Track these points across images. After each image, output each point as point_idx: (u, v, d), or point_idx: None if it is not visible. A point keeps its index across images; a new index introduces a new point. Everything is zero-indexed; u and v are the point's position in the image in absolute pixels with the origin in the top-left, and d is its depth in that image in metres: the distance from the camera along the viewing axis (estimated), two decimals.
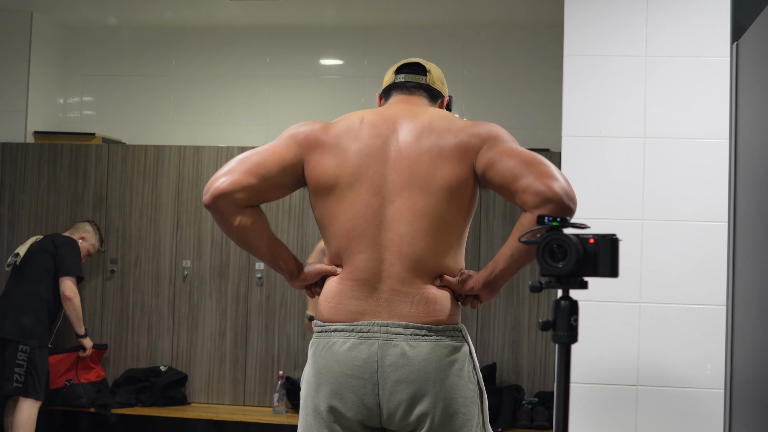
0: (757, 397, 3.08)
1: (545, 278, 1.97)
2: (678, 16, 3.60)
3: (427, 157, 2.23)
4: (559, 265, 1.92)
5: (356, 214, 2.22)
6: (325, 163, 2.25)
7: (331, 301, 2.25)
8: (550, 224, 1.96)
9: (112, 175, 5.51)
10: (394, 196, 2.22)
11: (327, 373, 2.22)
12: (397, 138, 2.26)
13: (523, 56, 5.77)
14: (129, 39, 6.17)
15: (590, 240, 1.94)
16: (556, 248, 1.93)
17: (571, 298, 1.96)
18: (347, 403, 2.20)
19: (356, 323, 2.21)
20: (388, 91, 2.46)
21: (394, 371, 2.19)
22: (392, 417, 2.21)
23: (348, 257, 2.24)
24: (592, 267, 1.94)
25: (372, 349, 2.19)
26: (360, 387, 2.20)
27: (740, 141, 3.47)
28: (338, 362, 2.21)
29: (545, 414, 4.88)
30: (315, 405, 2.24)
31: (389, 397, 2.20)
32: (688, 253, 3.54)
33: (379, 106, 2.47)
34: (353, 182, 2.23)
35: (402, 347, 2.20)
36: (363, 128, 2.27)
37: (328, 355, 2.22)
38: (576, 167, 3.63)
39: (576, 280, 1.95)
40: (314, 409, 2.25)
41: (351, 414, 2.21)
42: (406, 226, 2.21)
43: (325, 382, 2.22)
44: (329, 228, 2.27)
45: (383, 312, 2.22)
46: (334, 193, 2.24)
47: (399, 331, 2.20)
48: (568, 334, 1.94)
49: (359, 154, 2.24)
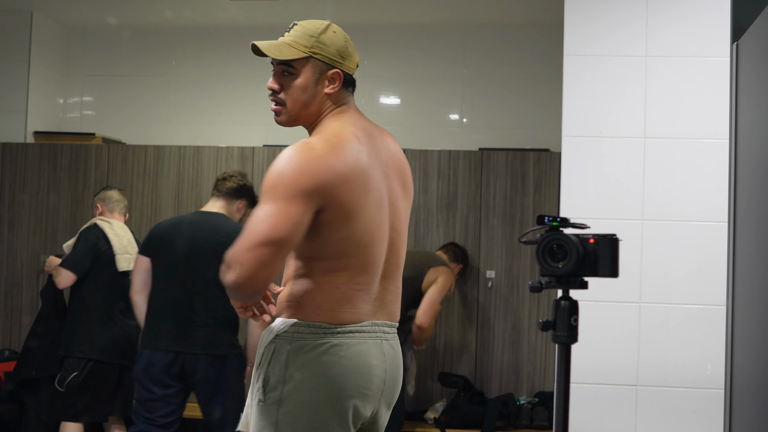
0: (757, 397, 3.07)
1: (545, 278, 1.98)
2: (678, 16, 3.60)
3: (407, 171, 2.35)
4: (559, 265, 1.93)
5: (377, 230, 2.21)
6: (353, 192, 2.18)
7: (346, 304, 2.21)
8: (550, 224, 1.96)
9: (112, 175, 5.50)
10: (397, 216, 2.27)
11: (355, 375, 2.16)
12: (385, 152, 2.29)
13: (523, 56, 5.77)
14: (129, 39, 6.17)
15: (590, 240, 1.94)
16: (556, 248, 1.93)
17: (571, 298, 1.96)
18: (366, 402, 2.19)
19: (364, 323, 2.20)
20: (350, 83, 2.31)
21: (394, 369, 2.24)
22: (376, 414, 2.24)
23: (362, 266, 2.19)
24: (592, 267, 1.94)
25: (381, 347, 2.21)
26: (378, 384, 2.20)
27: (740, 141, 3.47)
28: (365, 363, 2.17)
29: (545, 414, 4.88)
30: (341, 409, 2.15)
31: (388, 393, 2.23)
32: (688, 253, 3.54)
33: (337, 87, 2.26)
34: (374, 203, 2.20)
35: (393, 345, 2.26)
36: (362, 147, 2.21)
37: (352, 356, 2.16)
38: (576, 167, 3.63)
39: (576, 280, 1.95)
40: (339, 413, 2.15)
41: (367, 413, 2.20)
42: (403, 241, 2.28)
43: (352, 383, 2.16)
44: (348, 243, 2.19)
45: (380, 313, 2.24)
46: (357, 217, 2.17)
47: (390, 330, 2.26)
48: (568, 334, 1.94)
49: (374, 175, 2.20)
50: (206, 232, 3.95)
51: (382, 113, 5.78)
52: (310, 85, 2.25)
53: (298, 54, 2.23)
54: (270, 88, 2.28)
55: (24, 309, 5.51)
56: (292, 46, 2.25)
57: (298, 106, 2.27)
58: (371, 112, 6.08)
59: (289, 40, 2.26)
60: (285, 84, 2.26)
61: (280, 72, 2.27)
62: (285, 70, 2.26)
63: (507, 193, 5.17)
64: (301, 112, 2.28)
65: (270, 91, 2.28)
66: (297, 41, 2.26)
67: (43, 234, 5.49)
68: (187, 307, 3.92)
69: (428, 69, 5.83)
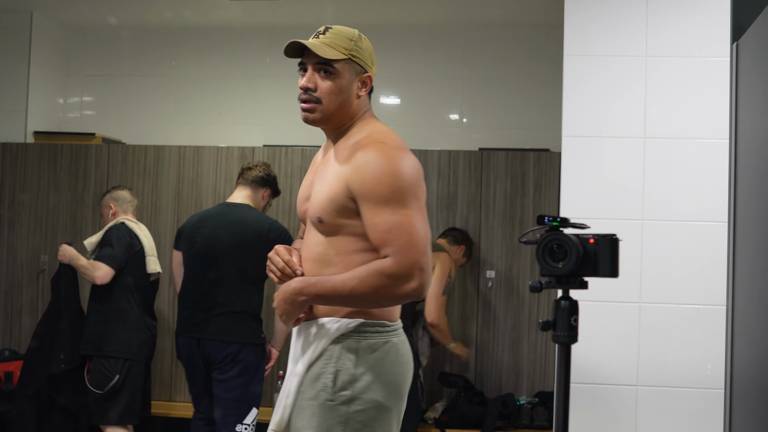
0: (757, 397, 3.07)
1: (545, 278, 1.97)
2: (678, 16, 3.60)
3: None
4: (559, 265, 1.93)
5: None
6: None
7: None
8: (550, 224, 1.96)
9: (112, 175, 5.50)
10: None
11: (409, 373, 2.30)
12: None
13: (523, 56, 5.77)
14: (129, 39, 6.17)
15: (590, 240, 1.94)
16: (556, 248, 1.93)
17: (571, 298, 1.96)
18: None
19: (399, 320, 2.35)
20: (371, 89, 2.42)
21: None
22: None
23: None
24: (592, 267, 1.94)
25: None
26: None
27: (740, 141, 3.47)
28: (410, 360, 2.32)
29: (545, 414, 4.88)
30: (401, 407, 2.29)
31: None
32: (688, 254, 3.54)
33: (367, 90, 2.37)
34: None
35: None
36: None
37: (407, 353, 2.31)
38: (576, 167, 3.63)
39: (576, 280, 1.95)
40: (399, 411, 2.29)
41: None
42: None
43: (408, 381, 2.30)
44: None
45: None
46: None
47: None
48: (568, 334, 1.94)
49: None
50: (229, 225, 4.18)
51: (382, 113, 5.76)
52: (347, 86, 2.32)
53: (340, 55, 2.29)
54: (305, 86, 2.30)
55: (24, 309, 5.51)
56: (333, 48, 2.29)
57: (333, 106, 2.31)
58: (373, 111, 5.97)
59: (328, 41, 2.29)
60: (321, 84, 2.30)
61: (316, 71, 2.30)
62: (324, 69, 2.29)
63: (507, 193, 5.17)
64: (335, 112, 2.33)
65: (302, 90, 2.31)
66: (337, 43, 2.29)
67: (43, 234, 5.49)
68: (209, 297, 4.15)
69: (428, 69, 5.82)
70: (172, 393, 5.40)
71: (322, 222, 2.26)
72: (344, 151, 2.29)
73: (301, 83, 2.30)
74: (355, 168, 2.21)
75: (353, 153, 2.24)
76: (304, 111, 2.32)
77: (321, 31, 2.31)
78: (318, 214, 2.27)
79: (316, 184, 2.34)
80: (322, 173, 2.34)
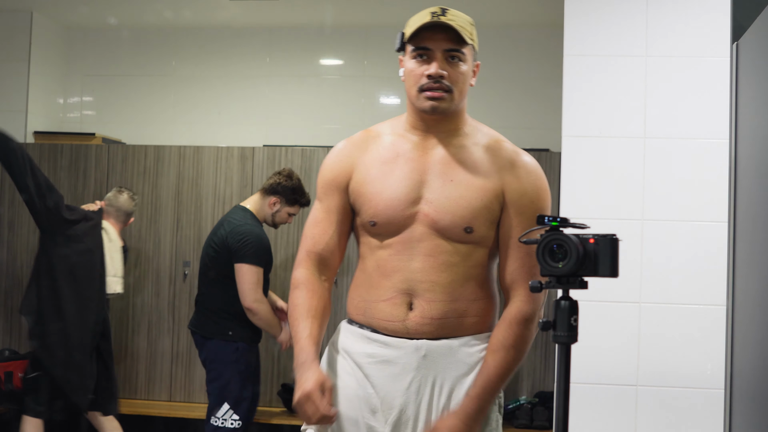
0: (757, 397, 3.07)
1: (545, 278, 1.97)
2: (678, 16, 3.60)
3: None
4: (559, 265, 1.92)
5: None
6: None
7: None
8: (550, 224, 1.96)
9: (112, 175, 5.50)
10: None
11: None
12: None
13: (523, 56, 5.77)
14: (129, 39, 6.17)
15: (590, 240, 1.94)
16: (556, 248, 1.93)
17: (571, 298, 1.96)
18: None
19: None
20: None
21: None
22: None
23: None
24: (592, 267, 1.94)
25: None
26: None
27: (740, 141, 3.47)
28: None
29: (545, 414, 4.88)
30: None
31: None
32: (688, 253, 3.54)
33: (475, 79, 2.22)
34: None
35: None
36: None
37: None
38: (576, 167, 3.63)
39: (576, 280, 1.95)
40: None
41: None
42: None
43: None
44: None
45: None
46: None
47: None
48: (568, 334, 1.94)
49: None
50: (216, 227, 4.32)
51: (382, 113, 5.77)
52: (470, 74, 2.17)
53: (471, 40, 2.11)
54: (438, 74, 2.07)
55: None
56: (466, 31, 2.08)
57: (462, 95, 2.14)
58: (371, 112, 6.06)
59: (457, 24, 2.07)
60: (451, 71, 2.09)
61: (446, 57, 2.08)
62: (455, 56, 2.09)
63: None
64: (460, 102, 2.15)
65: (432, 78, 2.08)
66: (464, 27, 2.09)
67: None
68: (200, 294, 4.36)
69: None
70: (172, 393, 5.40)
71: (471, 232, 2.10)
72: (479, 152, 2.15)
73: (432, 71, 2.06)
74: (515, 177, 2.12)
75: (506, 159, 2.15)
76: (433, 100, 2.08)
77: (439, 12, 2.08)
78: (467, 223, 2.09)
79: (445, 187, 2.11)
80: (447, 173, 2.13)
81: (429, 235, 2.11)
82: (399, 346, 2.11)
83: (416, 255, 2.11)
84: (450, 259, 2.10)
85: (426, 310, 2.10)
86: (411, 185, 2.13)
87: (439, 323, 2.10)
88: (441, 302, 2.10)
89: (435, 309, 2.10)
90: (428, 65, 2.08)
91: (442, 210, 2.10)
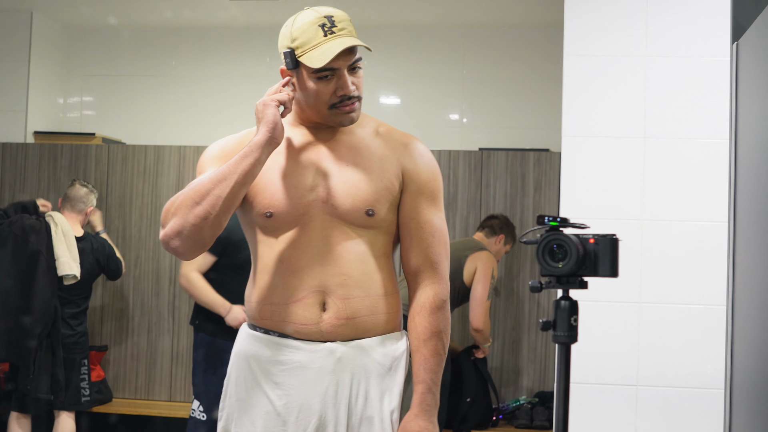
0: (757, 397, 3.07)
1: (545, 278, 1.97)
2: (678, 16, 3.60)
3: None
4: (559, 265, 1.93)
5: None
6: None
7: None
8: (549, 224, 1.96)
9: (112, 175, 5.50)
10: None
11: None
12: None
13: (523, 56, 5.77)
14: (129, 39, 6.17)
15: (590, 240, 1.94)
16: (556, 248, 1.93)
17: (571, 298, 1.96)
18: None
19: None
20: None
21: None
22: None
23: None
24: (592, 267, 1.94)
25: None
26: None
27: (740, 141, 3.47)
28: None
29: (545, 414, 4.88)
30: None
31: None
32: (688, 253, 3.54)
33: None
34: None
35: None
36: None
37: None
38: (576, 167, 3.63)
39: (576, 280, 1.95)
40: None
41: None
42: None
43: None
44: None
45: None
46: None
47: None
48: (568, 334, 1.94)
49: None
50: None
51: (382, 113, 5.78)
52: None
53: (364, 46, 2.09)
54: (352, 92, 2.07)
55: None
56: (358, 37, 2.09)
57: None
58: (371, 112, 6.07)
59: (353, 35, 2.06)
60: (356, 80, 2.09)
61: (352, 69, 2.07)
62: (357, 66, 2.08)
63: (507, 193, 5.17)
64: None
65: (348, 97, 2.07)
66: (355, 33, 2.08)
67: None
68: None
69: (428, 69, 5.82)
70: (172, 393, 5.40)
71: (372, 215, 2.06)
72: (371, 137, 2.13)
73: (349, 90, 2.05)
74: (411, 158, 2.12)
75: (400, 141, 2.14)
76: (351, 113, 2.07)
77: (328, 24, 2.02)
78: (369, 206, 2.04)
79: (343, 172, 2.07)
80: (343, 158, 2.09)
81: (330, 222, 2.04)
82: (313, 350, 2.04)
83: (321, 246, 2.04)
84: (357, 248, 2.04)
85: (341, 310, 2.03)
86: (306, 173, 2.08)
87: (353, 323, 2.04)
88: (355, 298, 2.04)
89: (349, 307, 2.04)
90: (335, 83, 2.04)
91: (342, 194, 2.04)
